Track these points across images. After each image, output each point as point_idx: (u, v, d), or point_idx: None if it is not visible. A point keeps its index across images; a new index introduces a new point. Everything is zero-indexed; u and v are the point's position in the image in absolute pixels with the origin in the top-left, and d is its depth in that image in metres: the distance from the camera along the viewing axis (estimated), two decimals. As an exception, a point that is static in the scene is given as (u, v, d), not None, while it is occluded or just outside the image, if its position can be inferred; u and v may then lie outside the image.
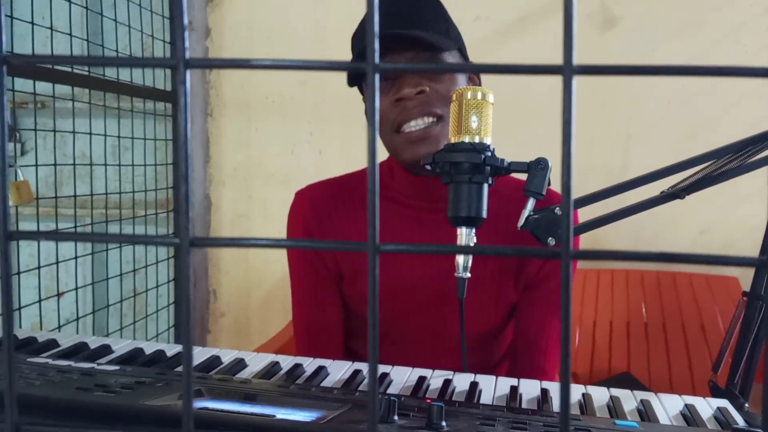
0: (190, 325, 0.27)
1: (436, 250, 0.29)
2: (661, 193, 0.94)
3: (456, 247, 0.26)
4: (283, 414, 0.66)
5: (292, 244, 0.27)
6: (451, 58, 1.11)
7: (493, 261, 1.17)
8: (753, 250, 1.22)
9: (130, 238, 0.28)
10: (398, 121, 1.09)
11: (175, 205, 2.45)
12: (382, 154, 1.24)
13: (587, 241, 2.26)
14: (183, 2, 0.27)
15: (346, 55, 1.23)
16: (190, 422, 0.27)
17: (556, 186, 0.93)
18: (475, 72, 1.08)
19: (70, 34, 1.86)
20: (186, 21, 0.26)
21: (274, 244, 0.28)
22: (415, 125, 1.08)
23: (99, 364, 0.86)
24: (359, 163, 1.29)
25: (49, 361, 0.87)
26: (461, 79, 1.12)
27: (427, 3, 1.13)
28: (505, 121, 1.24)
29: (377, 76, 0.27)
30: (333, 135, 2.45)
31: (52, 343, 1.01)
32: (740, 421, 0.81)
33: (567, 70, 0.25)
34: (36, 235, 0.28)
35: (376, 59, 0.27)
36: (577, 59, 0.25)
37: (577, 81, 0.26)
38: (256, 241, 0.28)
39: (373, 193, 0.27)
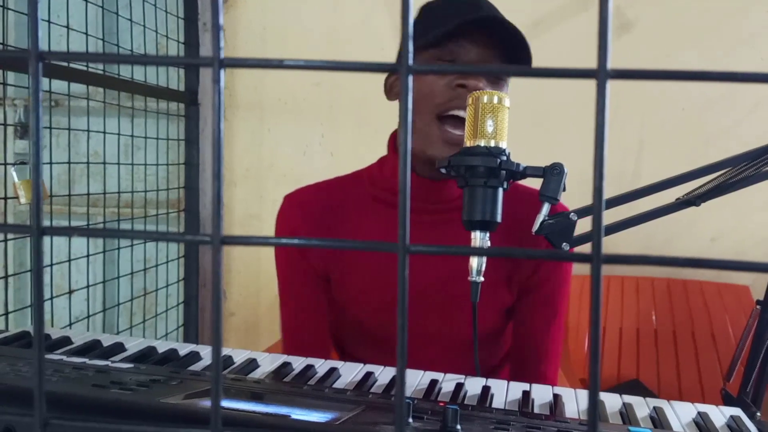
0: (220, 322, 0.27)
1: (464, 252, 0.29)
2: (677, 200, 0.93)
3: (483, 249, 0.26)
4: (297, 414, 0.66)
5: (320, 244, 0.27)
6: (508, 81, 1.10)
7: (487, 263, 1.16)
8: (765, 258, 1.22)
9: (162, 236, 0.28)
10: (448, 105, 1.06)
11: (186, 204, 2.46)
12: (373, 156, 1.23)
13: (598, 247, 2.26)
14: (219, 3, 0.27)
15: (360, 56, 1.23)
16: (218, 420, 0.28)
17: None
18: (510, 76, 1.08)
19: (86, 33, 1.87)
20: (222, 21, 0.27)
21: (304, 243, 0.28)
22: (464, 115, 1.06)
23: (113, 362, 0.87)
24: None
25: (64, 357, 0.87)
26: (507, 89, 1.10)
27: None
28: (520, 126, 1.24)
29: (410, 78, 0.27)
30: (345, 137, 2.46)
31: (66, 340, 1.01)
32: (753, 430, 0.81)
33: (601, 74, 0.25)
34: (68, 231, 0.28)
35: (410, 61, 0.27)
36: (591, 64, 0.26)
37: (591, 87, 0.26)
38: (287, 240, 0.28)
39: (404, 194, 0.27)
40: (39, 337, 0.29)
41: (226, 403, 0.68)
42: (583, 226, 0.98)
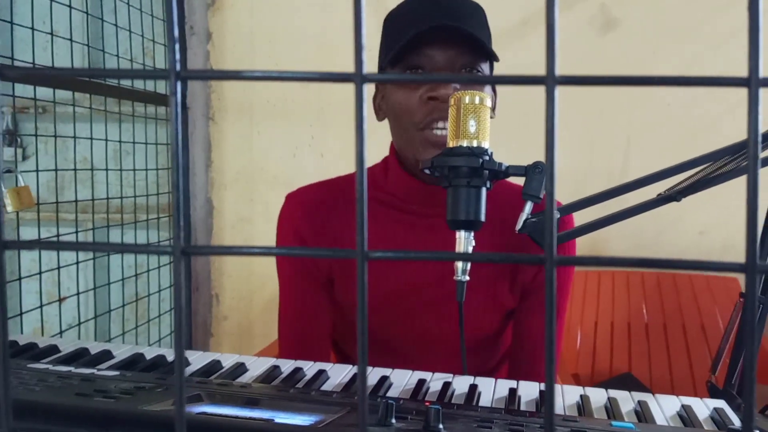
0: (182, 332, 0.27)
1: (425, 257, 0.29)
2: (658, 195, 0.94)
3: (445, 253, 0.27)
4: (281, 418, 0.67)
5: (284, 252, 0.28)
6: (486, 68, 1.09)
7: (488, 265, 1.17)
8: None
9: (124, 247, 0.29)
10: (428, 120, 1.05)
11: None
12: (373, 157, 1.23)
13: (589, 243, 2.27)
14: (174, 14, 0.27)
15: (349, 59, 1.23)
16: (183, 425, 0.28)
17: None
18: (469, 83, 1.08)
19: (71, 39, 1.86)
20: (177, 33, 0.27)
21: (266, 252, 0.28)
22: (443, 126, 1.05)
23: (99, 370, 0.87)
24: (360, 166, 1.29)
25: (50, 366, 0.87)
26: (489, 91, 1.08)
27: (477, 10, 1.10)
28: (503, 126, 1.25)
29: (365, 87, 0.27)
30: (335, 138, 2.46)
31: (53, 349, 1.01)
32: (736, 422, 0.81)
33: (550, 81, 0.25)
34: (32, 245, 0.29)
35: (364, 69, 0.27)
36: (577, 62, 0.26)
37: (577, 86, 0.26)
38: (248, 249, 0.28)
39: (361, 199, 0.27)
40: (3, 346, 0.29)
41: (209, 409, 0.68)
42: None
